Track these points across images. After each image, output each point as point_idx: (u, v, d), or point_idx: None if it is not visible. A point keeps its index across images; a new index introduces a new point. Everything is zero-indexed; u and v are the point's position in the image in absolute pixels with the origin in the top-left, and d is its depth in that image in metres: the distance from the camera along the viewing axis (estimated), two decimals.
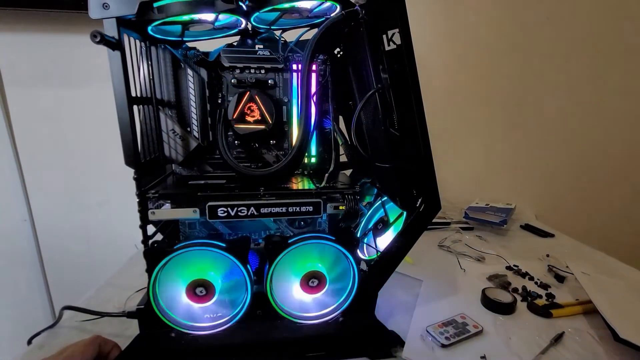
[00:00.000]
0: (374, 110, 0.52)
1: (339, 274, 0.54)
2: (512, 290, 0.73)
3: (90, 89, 1.01)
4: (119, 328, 0.60)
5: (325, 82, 0.59)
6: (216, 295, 0.50)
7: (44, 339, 0.59)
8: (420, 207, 0.52)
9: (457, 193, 1.25)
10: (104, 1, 0.43)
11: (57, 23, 0.95)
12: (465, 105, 1.23)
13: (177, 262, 0.49)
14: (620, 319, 0.58)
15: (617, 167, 1.34)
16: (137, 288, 0.70)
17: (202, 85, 0.56)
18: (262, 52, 0.57)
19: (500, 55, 1.19)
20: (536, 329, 0.61)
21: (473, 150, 1.29)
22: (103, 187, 1.09)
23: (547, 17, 1.17)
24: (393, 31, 0.47)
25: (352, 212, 0.54)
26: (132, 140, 0.46)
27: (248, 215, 0.51)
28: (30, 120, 1.02)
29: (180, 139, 0.56)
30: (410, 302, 0.68)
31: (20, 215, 1.05)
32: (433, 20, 1.15)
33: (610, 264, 0.86)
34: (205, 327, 0.51)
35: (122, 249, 0.90)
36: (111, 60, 0.44)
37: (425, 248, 0.93)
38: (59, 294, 1.14)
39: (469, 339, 0.58)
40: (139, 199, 0.49)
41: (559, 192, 1.34)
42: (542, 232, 1.05)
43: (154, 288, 0.49)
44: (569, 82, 1.24)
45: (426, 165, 0.50)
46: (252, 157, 0.60)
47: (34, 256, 1.09)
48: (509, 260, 0.86)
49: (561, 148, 1.30)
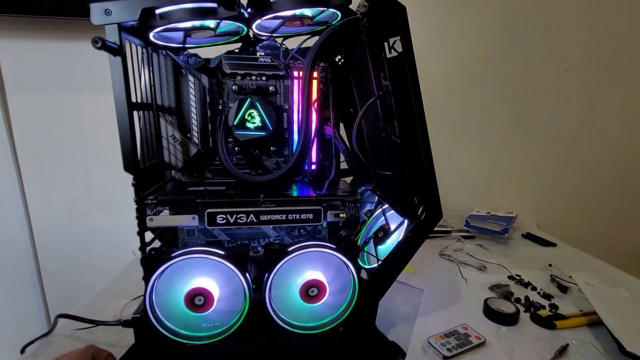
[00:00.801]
0: (375, 118, 0.51)
1: (339, 283, 0.53)
2: (515, 300, 0.72)
3: (91, 94, 1.01)
4: (115, 337, 0.59)
5: (326, 89, 0.59)
6: (214, 304, 0.49)
7: (38, 347, 0.58)
8: (421, 215, 0.51)
9: (457, 201, 1.24)
10: (106, 7, 0.43)
11: (59, 29, 0.96)
12: (466, 113, 1.24)
13: (174, 270, 0.48)
14: (626, 332, 0.56)
15: (619, 175, 1.33)
16: (134, 296, 0.69)
17: (203, 92, 0.56)
18: (264, 59, 0.57)
19: (501, 64, 1.20)
20: (540, 341, 0.60)
21: (474, 158, 1.28)
22: (102, 193, 1.08)
23: (546, 26, 1.18)
24: (394, 39, 0.47)
25: (352, 220, 0.53)
26: (132, 145, 0.46)
27: (247, 223, 0.50)
28: (30, 125, 1.02)
29: (180, 145, 0.56)
30: (411, 312, 0.67)
31: (18, 221, 1.05)
32: (434, 29, 1.16)
33: (613, 274, 0.85)
34: (202, 337, 0.50)
35: (120, 255, 0.90)
36: (112, 66, 0.44)
37: (426, 257, 0.92)
38: (55, 301, 1.13)
39: (471, 350, 0.57)
40: (137, 205, 0.48)
41: (561, 201, 1.34)
42: (544, 241, 1.04)
43: (150, 296, 0.48)
44: (570, 91, 1.24)
45: (427, 172, 0.49)
46: (252, 164, 0.59)
47: (31, 262, 1.08)
48: (511, 270, 0.85)
49: (562, 156, 1.30)
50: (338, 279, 0.53)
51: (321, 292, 0.52)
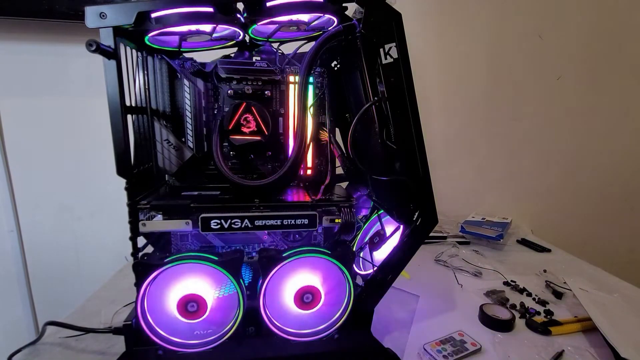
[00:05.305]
0: (371, 123, 0.51)
1: (335, 289, 0.52)
2: (510, 306, 0.72)
3: (83, 98, 1.00)
4: (105, 344, 0.58)
5: (322, 95, 0.59)
6: (208, 311, 0.48)
7: (25, 356, 0.56)
8: (417, 220, 0.51)
9: (452, 206, 1.24)
10: (101, 10, 0.43)
11: (53, 32, 0.95)
12: (461, 119, 1.25)
13: (167, 276, 0.47)
14: (620, 338, 0.57)
15: (612, 182, 1.35)
16: (125, 302, 0.68)
17: (198, 96, 0.56)
18: (260, 64, 0.57)
19: (496, 71, 1.22)
20: (535, 347, 0.60)
21: (469, 164, 1.29)
22: (94, 198, 1.07)
23: (540, 35, 1.20)
24: (390, 45, 0.47)
25: (348, 225, 0.53)
26: (125, 149, 0.46)
27: (242, 228, 0.50)
28: (21, 129, 1.00)
29: (175, 149, 0.55)
30: (407, 319, 0.67)
31: (7, 226, 1.02)
32: (428, 36, 1.17)
33: (607, 280, 0.86)
34: (194, 344, 0.49)
35: (112, 261, 0.88)
36: (106, 70, 0.44)
37: (421, 262, 0.92)
38: (44, 308, 1.10)
39: (467, 357, 0.57)
40: (129, 210, 0.47)
41: (555, 207, 1.35)
42: (538, 247, 1.05)
43: (142, 303, 0.47)
44: (563, 98, 1.26)
45: (423, 178, 0.49)
46: (248, 169, 0.59)
47: (19, 268, 1.05)
48: (506, 276, 0.85)
49: (557, 163, 1.31)
50: (333, 285, 0.52)
51: (316, 298, 0.51)
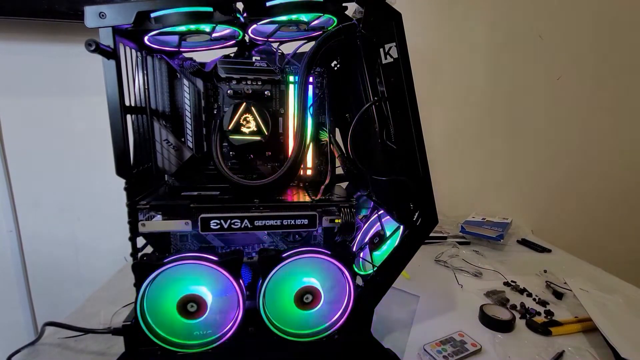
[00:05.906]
0: (371, 123, 0.51)
1: (335, 289, 0.52)
2: (511, 307, 0.71)
3: (83, 98, 1.00)
4: (104, 345, 0.58)
5: (322, 94, 0.59)
6: (207, 311, 0.48)
7: (24, 356, 0.56)
8: (417, 220, 0.51)
9: (452, 207, 1.24)
10: (101, 10, 0.42)
11: (52, 32, 0.95)
12: (461, 119, 1.25)
13: (167, 276, 0.47)
14: (620, 338, 0.56)
15: (613, 182, 1.35)
16: (124, 303, 0.68)
17: (198, 96, 0.56)
18: (259, 63, 0.57)
19: (496, 71, 1.22)
20: (535, 348, 0.60)
21: (469, 164, 1.29)
22: (93, 198, 1.06)
23: (540, 35, 1.20)
24: (390, 45, 0.47)
25: (348, 226, 0.53)
26: (124, 149, 0.46)
27: (242, 228, 0.50)
28: (20, 129, 1.00)
29: (174, 149, 0.55)
30: (407, 319, 0.67)
31: (6, 226, 1.02)
32: (428, 36, 1.17)
33: (607, 280, 0.86)
34: (194, 345, 0.49)
35: (111, 261, 0.88)
36: (106, 69, 0.44)
37: (421, 263, 0.91)
38: (43, 308, 1.10)
39: (467, 357, 0.57)
40: (129, 210, 0.47)
41: (555, 207, 1.35)
42: (539, 247, 1.05)
43: (141, 303, 0.47)
44: (564, 99, 1.26)
45: (423, 178, 0.49)
46: (247, 169, 0.59)
47: (18, 268, 1.05)
48: (506, 276, 0.84)
49: (557, 163, 1.31)
50: (333, 286, 0.52)
51: (316, 298, 0.51)
